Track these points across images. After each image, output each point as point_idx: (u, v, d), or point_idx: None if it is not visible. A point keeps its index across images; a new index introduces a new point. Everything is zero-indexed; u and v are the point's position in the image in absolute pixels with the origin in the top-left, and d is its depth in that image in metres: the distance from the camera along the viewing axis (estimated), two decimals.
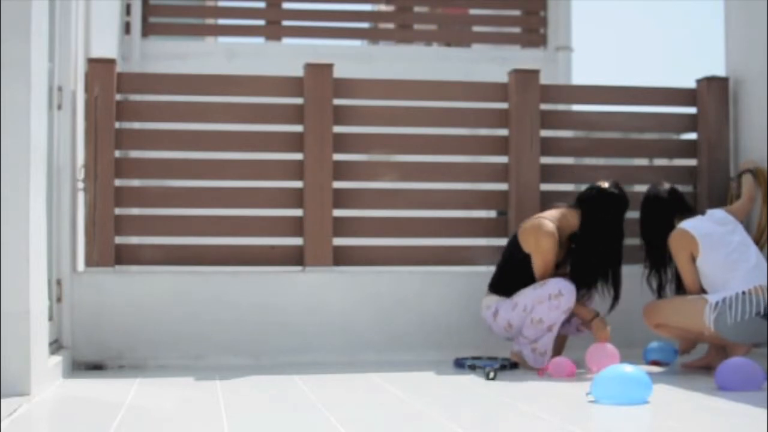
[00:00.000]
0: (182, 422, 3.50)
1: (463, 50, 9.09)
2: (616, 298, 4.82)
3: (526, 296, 4.72)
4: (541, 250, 4.75)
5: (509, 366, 4.72)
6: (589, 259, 4.78)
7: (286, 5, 8.63)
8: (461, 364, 4.81)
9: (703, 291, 4.68)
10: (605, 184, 4.86)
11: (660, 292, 4.87)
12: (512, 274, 4.84)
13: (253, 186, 5.32)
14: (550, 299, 4.65)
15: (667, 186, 4.93)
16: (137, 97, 5.87)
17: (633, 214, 5.06)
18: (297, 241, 5.26)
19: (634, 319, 5.02)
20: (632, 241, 5.10)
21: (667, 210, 4.84)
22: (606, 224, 4.81)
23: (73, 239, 4.92)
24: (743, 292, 4.49)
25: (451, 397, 4.01)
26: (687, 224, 4.72)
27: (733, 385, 3.99)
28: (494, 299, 4.86)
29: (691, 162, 5.72)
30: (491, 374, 4.39)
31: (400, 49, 8.94)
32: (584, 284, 4.75)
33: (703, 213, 4.87)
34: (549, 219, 4.82)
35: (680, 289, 4.84)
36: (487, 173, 5.56)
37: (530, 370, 4.69)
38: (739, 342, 4.54)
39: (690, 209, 4.88)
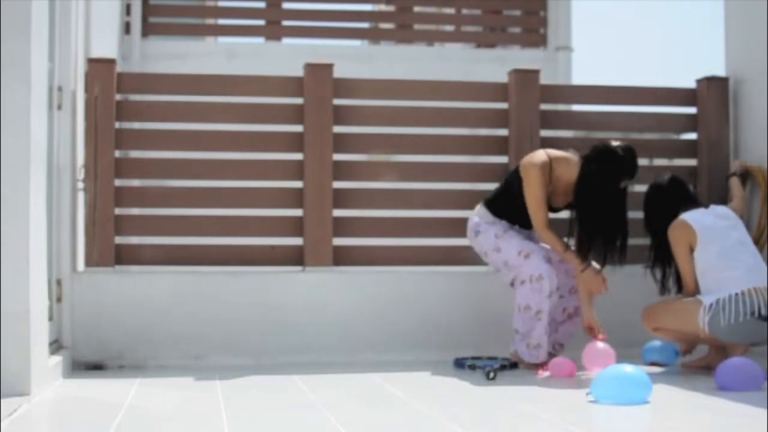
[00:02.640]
0: (182, 422, 3.50)
1: (463, 50, 9.09)
2: (605, 260, 4.70)
3: (509, 247, 4.72)
4: (528, 181, 4.68)
5: (509, 366, 4.72)
6: (581, 220, 4.69)
7: (286, 5, 8.64)
8: (461, 364, 4.81)
9: (698, 285, 4.67)
10: (614, 143, 4.71)
11: (663, 283, 4.86)
12: (508, 203, 4.82)
13: (253, 186, 5.32)
14: (531, 281, 4.64)
15: (668, 175, 4.93)
16: (137, 97, 5.87)
17: (633, 214, 5.06)
18: (297, 241, 5.26)
19: (634, 319, 5.01)
20: (633, 240, 5.10)
21: (668, 198, 4.83)
22: (597, 182, 4.66)
23: (73, 239, 4.92)
24: (737, 294, 4.48)
25: (451, 397, 4.01)
26: (687, 215, 4.71)
27: (733, 385, 3.99)
28: (483, 212, 4.87)
29: (691, 162, 5.72)
30: (491, 374, 4.39)
31: (400, 49, 8.94)
32: (583, 247, 4.68)
33: (706, 207, 4.85)
34: (546, 153, 4.75)
35: (681, 285, 4.83)
36: (487, 173, 5.56)
37: (531, 369, 4.68)
38: (734, 342, 4.54)
39: (692, 198, 4.86)
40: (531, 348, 4.68)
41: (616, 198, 4.70)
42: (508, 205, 4.83)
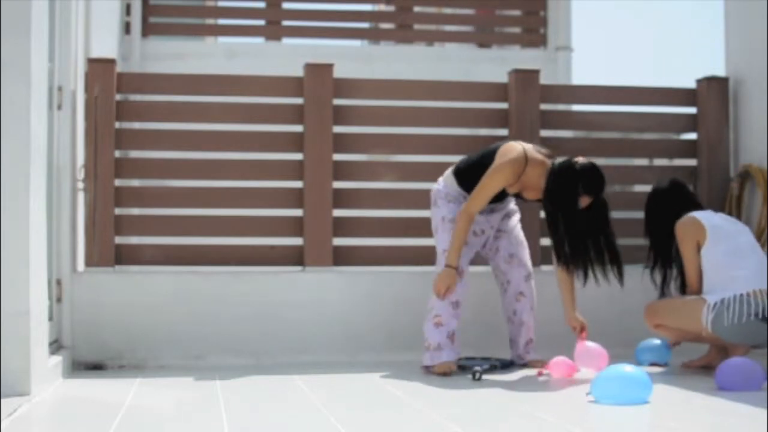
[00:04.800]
0: (182, 422, 3.50)
1: (463, 50, 9.09)
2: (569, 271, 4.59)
3: (443, 239, 4.66)
4: (493, 174, 4.52)
5: (500, 366, 4.68)
6: (552, 231, 4.55)
7: (286, 5, 8.63)
8: (461, 366, 4.80)
9: (702, 284, 4.66)
10: (578, 159, 4.53)
11: (663, 288, 4.85)
12: (475, 175, 4.63)
13: (253, 186, 5.32)
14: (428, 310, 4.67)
15: (669, 179, 4.91)
16: (137, 97, 5.87)
17: (632, 214, 5.06)
18: (297, 241, 5.26)
19: (633, 319, 5.02)
20: (632, 240, 5.10)
21: (669, 201, 4.82)
22: (556, 199, 4.48)
23: (73, 239, 4.92)
24: (741, 294, 4.48)
25: (451, 397, 4.01)
26: (697, 213, 4.71)
27: (733, 385, 3.99)
28: (450, 181, 4.76)
29: (691, 162, 5.72)
30: (476, 375, 4.37)
31: (400, 49, 8.94)
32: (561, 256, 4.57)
33: (714, 210, 4.85)
34: (526, 153, 4.54)
35: (685, 285, 4.82)
36: None
37: (530, 368, 4.68)
38: (737, 343, 4.53)
39: (695, 202, 4.86)
40: (432, 350, 4.62)
41: (581, 217, 4.49)
42: (474, 179, 4.63)
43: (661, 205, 4.85)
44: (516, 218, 4.92)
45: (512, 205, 4.90)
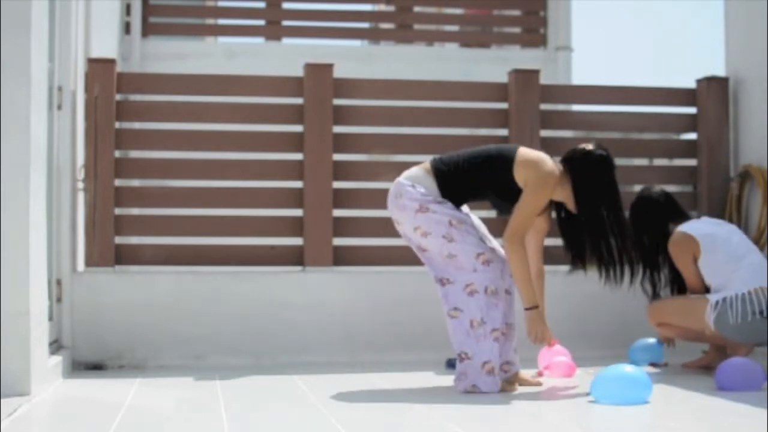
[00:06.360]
0: (182, 422, 3.50)
1: (463, 50, 9.10)
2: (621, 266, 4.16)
3: (465, 249, 4.02)
4: (540, 190, 4.05)
5: None
6: (583, 232, 4.14)
7: (286, 5, 8.64)
8: (452, 364, 4.78)
9: (707, 291, 4.67)
10: (589, 147, 4.17)
11: (654, 294, 4.85)
12: (470, 184, 4.18)
13: (253, 186, 5.32)
14: (487, 294, 4.00)
15: (658, 188, 4.92)
16: (137, 97, 5.87)
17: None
18: (297, 241, 5.26)
19: (630, 320, 5.02)
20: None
21: (659, 212, 4.83)
22: (601, 188, 4.11)
23: (73, 239, 4.92)
24: (743, 293, 4.48)
25: (450, 397, 4.00)
26: (686, 227, 4.71)
27: (733, 385, 3.99)
28: (428, 183, 4.15)
29: (691, 162, 5.72)
30: None
31: (400, 49, 8.94)
32: (581, 257, 4.19)
33: (698, 218, 4.87)
34: (554, 164, 4.16)
35: (674, 292, 4.83)
36: None
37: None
38: (740, 341, 4.54)
39: (683, 213, 4.86)
40: (494, 373, 4.03)
41: (615, 193, 4.14)
42: (469, 188, 4.19)
43: (650, 214, 4.84)
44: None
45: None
